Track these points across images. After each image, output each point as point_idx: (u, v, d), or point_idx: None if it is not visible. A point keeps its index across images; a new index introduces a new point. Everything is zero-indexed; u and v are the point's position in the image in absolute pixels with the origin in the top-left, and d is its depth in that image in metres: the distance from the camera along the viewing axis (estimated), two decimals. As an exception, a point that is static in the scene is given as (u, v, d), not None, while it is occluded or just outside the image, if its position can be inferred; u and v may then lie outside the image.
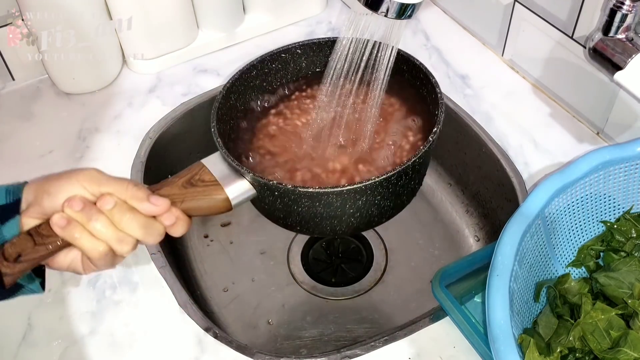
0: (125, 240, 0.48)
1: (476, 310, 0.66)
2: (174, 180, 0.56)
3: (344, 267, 0.88)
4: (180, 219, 0.52)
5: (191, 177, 0.56)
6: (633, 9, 0.62)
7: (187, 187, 0.55)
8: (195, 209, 0.55)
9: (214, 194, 0.57)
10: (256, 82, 0.71)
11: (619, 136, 0.77)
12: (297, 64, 0.73)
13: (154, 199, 0.50)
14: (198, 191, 0.56)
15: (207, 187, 0.56)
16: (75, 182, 0.48)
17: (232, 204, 0.57)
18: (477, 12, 0.92)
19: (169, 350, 0.64)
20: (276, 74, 0.72)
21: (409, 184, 0.64)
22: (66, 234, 0.47)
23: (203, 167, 0.57)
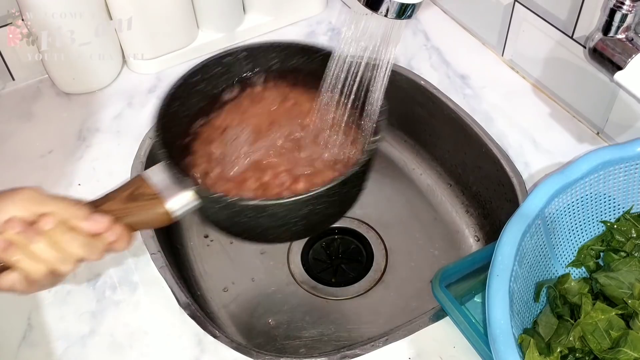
0: (66, 260, 0.48)
1: (476, 310, 0.66)
2: (115, 195, 0.55)
3: (344, 267, 0.88)
4: (123, 235, 0.52)
5: (132, 191, 0.56)
6: (633, 9, 0.62)
7: (129, 201, 0.55)
8: (137, 223, 0.55)
9: (156, 207, 0.56)
10: (200, 86, 0.68)
11: (619, 136, 0.77)
12: (241, 67, 0.71)
13: (95, 217, 0.50)
14: (139, 205, 0.55)
15: (148, 201, 0.56)
16: (14, 202, 0.48)
17: (173, 217, 0.57)
18: (477, 12, 0.92)
19: (169, 350, 0.64)
20: (220, 78, 0.70)
21: (352, 190, 0.64)
22: (6, 256, 0.46)
23: (144, 181, 0.57)
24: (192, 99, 0.68)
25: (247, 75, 0.71)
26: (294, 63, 0.70)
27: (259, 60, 0.70)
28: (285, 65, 0.70)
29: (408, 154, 0.96)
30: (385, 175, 0.95)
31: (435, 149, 0.93)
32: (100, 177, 0.80)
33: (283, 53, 0.69)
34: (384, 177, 0.95)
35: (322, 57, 0.68)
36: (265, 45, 0.69)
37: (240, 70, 0.70)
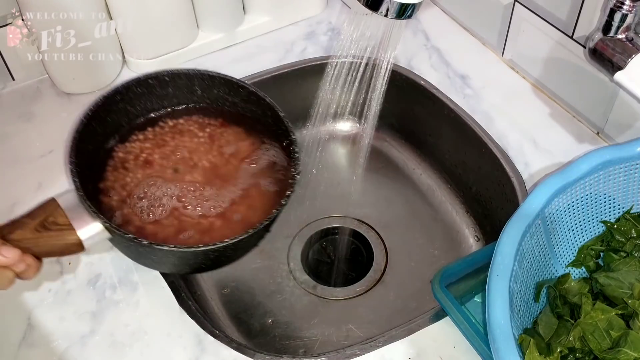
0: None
1: (476, 310, 0.66)
2: (26, 222, 0.54)
3: (344, 267, 0.88)
4: (32, 264, 0.51)
5: (45, 219, 0.55)
6: (633, 9, 0.62)
7: (40, 230, 0.54)
8: (48, 253, 0.54)
9: (67, 237, 0.55)
10: (120, 106, 0.67)
11: (619, 136, 0.77)
12: (164, 91, 0.69)
13: (5, 251, 0.50)
14: (51, 235, 0.54)
15: (61, 230, 0.55)
16: None
17: (85, 246, 0.56)
18: (477, 12, 0.92)
19: (169, 350, 0.64)
20: (141, 99, 0.68)
21: (261, 237, 0.64)
22: None
23: (57, 208, 0.55)
24: (110, 122, 0.66)
25: (168, 104, 0.70)
26: (217, 94, 0.69)
27: (181, 87, 0.69)
28: (208, 96, 0.70)
29: (408, 154, 0.96)
30: (385, 175, 0.95)
31: (435, 149, 0.93)
32: (100, 177, 0.80)
33: (205, 83, 0.68)
34: (384, 177, 0.95)
35: (246, 94, 0.68)
36: (190, 73, 0.68)
37: (163, 95, 0.69)
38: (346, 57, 0.67)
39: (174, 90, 0.69)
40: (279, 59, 0.93)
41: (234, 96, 0.69)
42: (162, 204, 0.64)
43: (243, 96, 0.69)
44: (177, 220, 0.62)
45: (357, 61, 0.68)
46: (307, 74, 0.92)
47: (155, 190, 0.64)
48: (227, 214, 0.64)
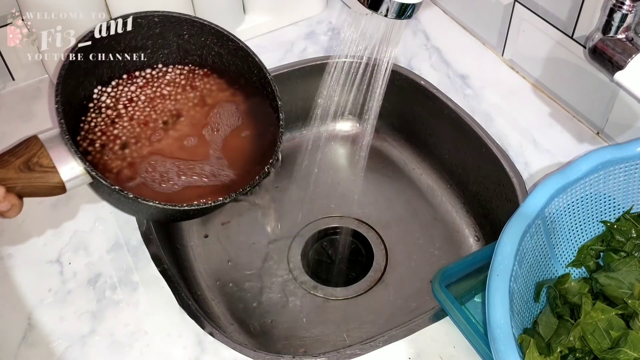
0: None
1: (476, 310, 0.66)
2: (10, 160, 0.54)
3: (344, 267, 0.88)
4: (15, 205, 0.52)
5: (29, 159, 0.55)
6: (633, 9, 0.62)
7: (24, 170, 0.54)
8: (29, 194, 0.55)
9: (51, 180, 0.55)
10: (104, 42, 0.65)
11: (619, 136, 0.77)
12: (151, 31, 0.68)
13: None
14: (35, 177, 0.54)
15: (44, 172, 0.55)
16: None
17: (67, 188, 0.56)
18: (477, 12, 0.92)
19: (169, 350, 0.64)
20: (126, 37, 0.67)
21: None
22: None
23: (42, 149, 0.55)
24: (94, 61, 0.65)
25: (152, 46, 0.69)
26: (203, 42, 0.69)
27: (169, 30, 0.68)
28: (194, 42, 0.69)
29: (408, 154, 0.96)
30: (385, 175, 0.95)
31: (435, 149, 0.93)
32: (100, 177, 0.80)
33: (194, 29, 0.68)
34: (384, 177, 0.95)
35: (234, 48, 0.68)
36: (180, 17, 0.67)
37: (149, 35, 0.68)
38: (346, 57, 0.67)
39: (162, 32, 0.68)
40: (279, 59, 0.93)
41: (221, 47, 0.69)
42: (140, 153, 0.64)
43: (230, 49, 0.68)
44: (155, 170, 0.63)
45: (357, 61, 0.68)
46: (307, 74, 0.92)
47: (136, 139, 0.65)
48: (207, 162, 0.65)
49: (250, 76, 0.69)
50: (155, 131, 0.66)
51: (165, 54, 0.70)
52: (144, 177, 0.63)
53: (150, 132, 0.66)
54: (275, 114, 0.67)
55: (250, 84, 0.70)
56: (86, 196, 0.77)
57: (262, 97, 0.69)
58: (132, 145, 0.65)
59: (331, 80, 0.66)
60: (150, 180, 0.63)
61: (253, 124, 0.69)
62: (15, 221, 0.75)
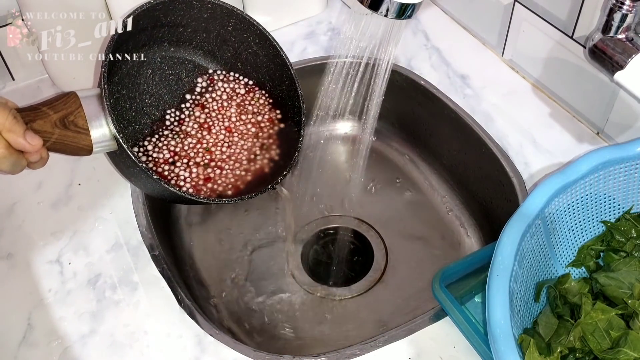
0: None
1: (476, 310, 0.66)
2: (48, 113, 0.54)
3: (344, 267, 0.88)
4: (44, 158, 0.53)
5: (65, 116, 0.55)
6: (633, 9, 0.62)
7: (59, 126, 0.54)
8: (59, 150, 0.55)
9: (82, 140, 0.56)
10: (156, 14, 0.66)
11: (619, 136, 0.77)
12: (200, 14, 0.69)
13: (30, 137, 0.51)
14: (68, 135, 0.55)
15: (77, 132, 0.55)
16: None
17: (93, 152, 0.57)
18: (477, 12, 0.92)
19: (169, 350, 0.64)
20: (175, 14, 0.68)
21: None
22: None
23: (79, 109, 0.56)
24: (145, 31, 0.67)
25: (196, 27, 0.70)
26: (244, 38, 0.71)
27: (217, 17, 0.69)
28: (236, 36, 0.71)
29: (408, 154, 0.96)
30: (385, 175, 0.95)
31: (435, 149, 0.93)
32: (100, 176, 0.80)
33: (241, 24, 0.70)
34: (384, 176, 0.95)
35: (273, 53, 0.70)
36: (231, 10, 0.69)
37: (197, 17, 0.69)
38: (346, 57, 0.67)
39: (209, 18, 0.69)
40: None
41: (260, 48, 0.71)
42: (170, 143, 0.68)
43: (269, 53, 0.70)
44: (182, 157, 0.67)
45: (357, 61, 0.68)
46: (307, 74, 0.92)
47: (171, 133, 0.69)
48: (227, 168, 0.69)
49: (279, 84, 0.71)
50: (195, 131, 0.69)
51: (203, 38, 0.72)
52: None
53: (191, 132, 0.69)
54: (295, 128, 0.69)
55: (276, 91, 0.72)
56: (86, 196, 0.77)
57: (285, 107, 0.71)
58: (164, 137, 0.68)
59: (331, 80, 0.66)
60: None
61: (276, 138, 0.72)
62: (15, 221, 0.75)
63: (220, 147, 0.70)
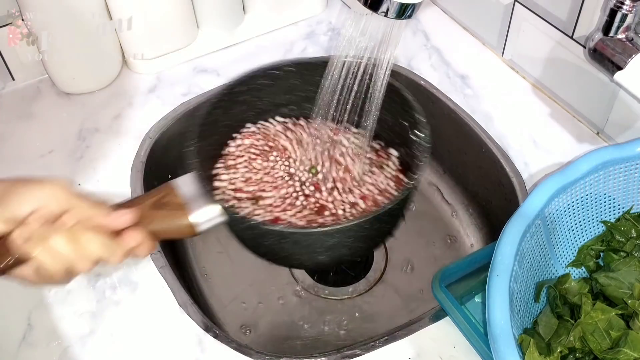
0: (84, 259, 0.48)
1: (476, 310, 0.66)
2: (141, 201, 0.55)
3: (344, 267, 0.88)
4: (145, 241, 0.51)
5: (160, 199, 0.55)
6: (633, 9, 0.62)
7: (154, 209, 0.54)
8: (161, 232, 0.54)
9: (181, 218, 0.55)
10: (243, 97, 0.66)
11: (619, 136, 0.77)
12: (288, 82, 0.69)
13: (119, 211, 0.50)
14: (165, 214, 0.55)
15: (175, 211, 0.55)
16: (44, 190, 0.48)
17: (198, 230, 0.56)
18: (477, 12, 0.92)
19: (169, 350, 0.64)
20: (265, 91, 0.68)
21: (383, 227, 0.63)
22: (25, 249, 0.46)
23: (173, 190, 0.56)
24: (234, 110, 0.66)
25: (294, 98, 0.69)
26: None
27: (306, 76, 0.67)
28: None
29: (408, 154, 0.96)
30: (385, 175, 0.95)
31: (435, 149, 0.92)
32: (100, 177, 0.80)
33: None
34: (384, 177, 0.95)
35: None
36: (313, 62, 0.67)
37: (287, 88, 0.68)
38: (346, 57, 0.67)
39: (299, 82, 0.68)
40: (279, 59, 0.93)
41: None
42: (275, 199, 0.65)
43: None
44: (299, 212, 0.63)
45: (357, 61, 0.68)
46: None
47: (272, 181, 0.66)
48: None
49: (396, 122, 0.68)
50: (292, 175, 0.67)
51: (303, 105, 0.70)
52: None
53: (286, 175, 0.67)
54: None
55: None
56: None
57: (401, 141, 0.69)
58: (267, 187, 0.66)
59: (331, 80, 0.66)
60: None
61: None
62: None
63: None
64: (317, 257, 0.61)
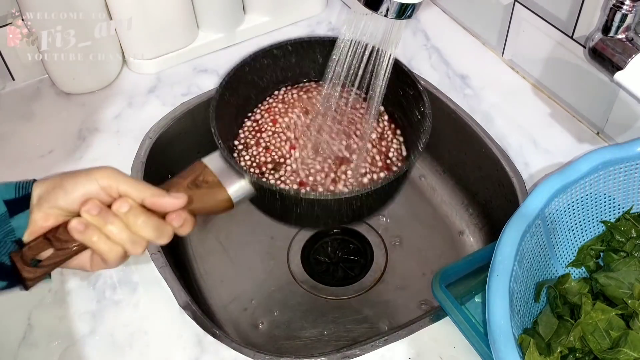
0: (138, 242, 0.50)
1: (476, 310, 0.66)
2: (179, 182, 0.57)
3: (344, 267, 0.88)
4: (188, 219, 0.53)
5: (195, 178, 0.57)
6: (633, 9, 0.62)
7: (192, 188, 0.57)
8: (200, 209, 0.56)
9: (218, 194, 0.58)
10: (249, 78, 0.70)
11: (619, 136, 0.77)
12: (288, 61, 0.72)
13: (174, 194, 0.52)
14: (203, 192, 0.57)
15: (210, 188, 0.58)
16: (92, 180, 0.49)
17: (234, 203, 0.59)
18: (477, 12, 0.92)
19: (169, 350, 0.64)
20: (267, 70, 0.72)
21: (397, 187, 0.66)
22: (84, 238, 0.48)
23: (206, 168, 0.58)
24: (241, 90, 0.70)
25: (296, 71, 0.72)
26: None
27: (304, 55, 0.71)
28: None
29: (408, 154, 0.96)
30: (385, 175, 0.95)
31: (435, 149, 0.93)
32: (100, 177, 0.79)
33: (326, 49, 0.69)
34: (384, 177, 0.95)
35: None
36: (311, 40, 0.71)
37: (287, 66, 0.72)
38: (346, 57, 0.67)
39: (297, 60, 0.71)
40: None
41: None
42: (294, 166, 0.67)
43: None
44: (307, 182, 0.66)
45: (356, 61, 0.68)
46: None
47: (288, 151, 0.68)
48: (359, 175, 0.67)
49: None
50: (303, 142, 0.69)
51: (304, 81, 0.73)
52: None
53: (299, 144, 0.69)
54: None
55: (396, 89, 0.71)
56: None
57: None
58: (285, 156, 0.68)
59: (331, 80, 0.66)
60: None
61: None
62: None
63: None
64: (343, 217, 0.64)
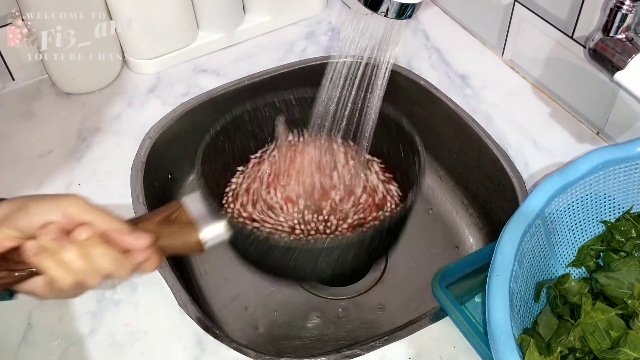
0: (94, 274, 0.48)
1: (476, 310, 0.66)
2: (151, 217, 0.56)
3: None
4: (153, 256, 0.52)
5: (169, 215, 0.56)
6: (633, 9, 0.62)
7: (164, 225, 0.55)
8: (169, 248, 0.55)
9: (188, 235, 0.56)
10: (247, 128, 0.69)
11: (619, 136, 0.77)
12: (291, 114, 0.71)
13: (137, 234, 0.50)
14: (173, 230, 0.56)
15: (182, 227, 0.56)
16: (56, 207, 0.48)
17: (205, 246, 0.57)
18: (477, 12, 0.92)
19: (169, 350, 0.64)
20: (268, 121, 0.70)
21: (386, 240, 0.64)
22: (37, 261, 0.46)
23: (181, 207, 0.57)
24: (237, 138, 0.69)
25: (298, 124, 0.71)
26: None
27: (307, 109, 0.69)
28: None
29: (408, 154, 0.96)
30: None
31: (435, 149, 0.93)
32: (100, 177, 0.80)
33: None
34: (384, 177, 0.95)
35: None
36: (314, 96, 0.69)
37: (290, 120, 0.71)
38: (346, 57, 0.67)
39: (301, 115, 0.70)
40: (279, 59, 0.93)
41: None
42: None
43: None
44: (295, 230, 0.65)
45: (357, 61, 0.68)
46: (307, 74, 0.92)
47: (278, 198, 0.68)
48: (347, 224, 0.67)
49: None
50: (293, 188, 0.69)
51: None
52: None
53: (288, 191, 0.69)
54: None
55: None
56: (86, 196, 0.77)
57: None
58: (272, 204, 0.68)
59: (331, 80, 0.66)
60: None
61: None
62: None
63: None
64: (322, 271, 0.63)
